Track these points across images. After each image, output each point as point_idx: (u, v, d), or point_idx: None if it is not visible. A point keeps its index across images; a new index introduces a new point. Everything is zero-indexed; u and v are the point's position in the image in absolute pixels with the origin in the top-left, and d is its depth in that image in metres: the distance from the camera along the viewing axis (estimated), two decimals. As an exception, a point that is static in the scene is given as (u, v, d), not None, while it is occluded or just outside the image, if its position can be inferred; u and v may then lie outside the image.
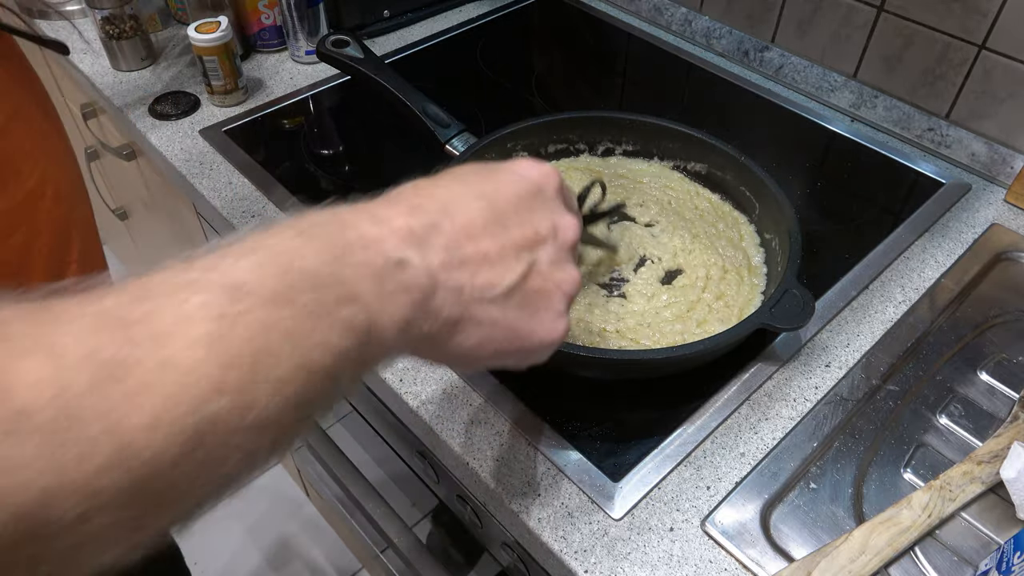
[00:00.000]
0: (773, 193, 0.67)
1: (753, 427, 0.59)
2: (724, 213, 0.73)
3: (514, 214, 0.37)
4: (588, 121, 0.77)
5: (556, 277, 0.38)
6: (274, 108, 0.92)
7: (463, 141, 0.74)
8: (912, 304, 0.69)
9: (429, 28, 1.09)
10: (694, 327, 0.63)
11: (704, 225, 0.72)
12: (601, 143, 0.79)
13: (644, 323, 0.63)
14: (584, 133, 0.78)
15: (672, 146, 0.77)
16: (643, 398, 0.61)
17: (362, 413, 0.83)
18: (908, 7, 0.83)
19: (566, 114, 0.77)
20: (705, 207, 0.74)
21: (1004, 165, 0.82)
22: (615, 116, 0.77)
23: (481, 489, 0.57)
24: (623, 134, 0.78)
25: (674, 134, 0.75)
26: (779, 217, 0.66)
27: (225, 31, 0.86)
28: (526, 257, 0.36)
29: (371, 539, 1.15)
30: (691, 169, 0.77)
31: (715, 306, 0.64)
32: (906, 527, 0.52)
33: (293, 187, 0.81)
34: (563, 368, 0.60)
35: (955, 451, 0.58)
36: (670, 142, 0.77)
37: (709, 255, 0.69)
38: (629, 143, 0.78)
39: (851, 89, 0.92)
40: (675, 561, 0.52)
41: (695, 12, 1.04)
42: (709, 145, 0.73)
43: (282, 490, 1.50)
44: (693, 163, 0.76)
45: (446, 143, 0.74)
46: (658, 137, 0.77)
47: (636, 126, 0.77)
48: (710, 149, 0.74)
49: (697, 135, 0.74)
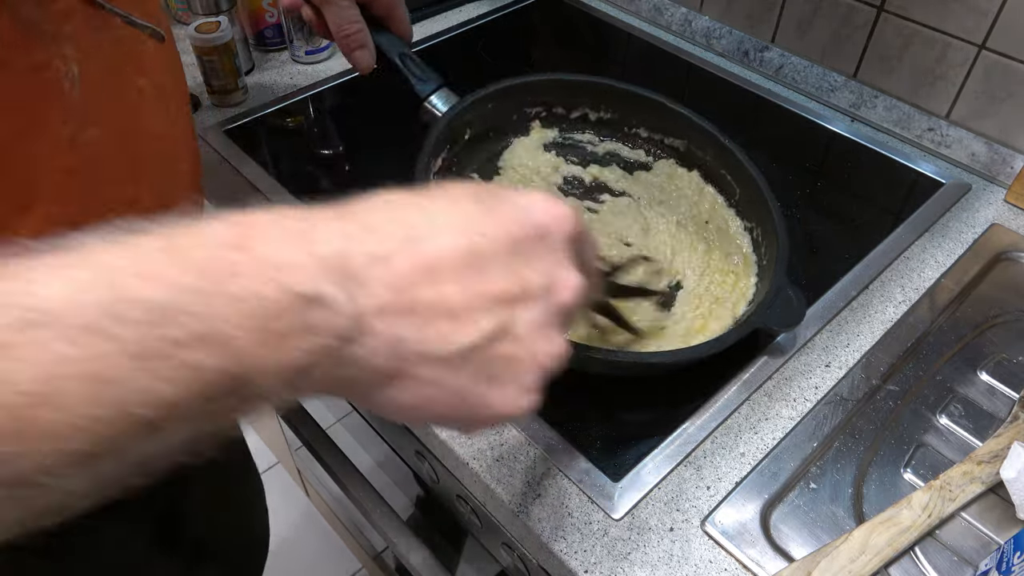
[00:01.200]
0: (755, 179, 0.67)
1: (753, 427, 0.59)
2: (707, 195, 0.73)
3: (501, 258, 0.29)
4: (568, 84, 0.75)
5: (535, 346, 0.30)
6: (274, 108, 0.92)
7: (443, 99, 0.68)
8: (912, 304, 0.69)
9: (429, 28, 1.09)
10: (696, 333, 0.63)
11: (687, 207, 0.72)
12: (579, 108, 0.77)
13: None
14: (563, 95, 0.76)
15: (650, 117, 0.75)
16: (643, 398, 0.61)
17: (362, 413, 0.83)
18: (908, 7, 0.83)
19: (547, 75, 0.74)
20: (687, 190, 0.74)
21: (1004, 165, 0.82)
22: (596, 81, 0.76)
23: (481, 489, 0.57)
24: (602, 100, 0.76)
25: (653, 104, 0.74)
26: (761, 210, 0.66)
27: (225, 31, 0.86)
28: (500, 314, 0.29)
29: (371, 539, 1.15)
30: (668, 144, 0.76)
31: (713, 307, 0.65)
32: (906, 527, 0.52)
33: (293, 187, 0.81)
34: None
35: (955, 451, 0.58)
36: (648, 113, 0.75)
37: (700, 256, 0.69)
38: (608, 111, 0.77)
39: (851, 89, 0.92)
40: (675, 561, 0.52)
41: (695, 12, 1.04)
42: (689, 121, 0.72)
43: (282, 490, 1.50)
44: (672, 138, 0.75)
45: (424, 99, 0.67)
46: (636, 106, 0.75)
47: (616, 92, 0.75)
48: (690, 125, 0.72)
49: (678, 109, 0.72)
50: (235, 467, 0.84)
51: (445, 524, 0.82)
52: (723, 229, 0.70)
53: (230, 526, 0.85)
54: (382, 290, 0.26)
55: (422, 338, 0.27)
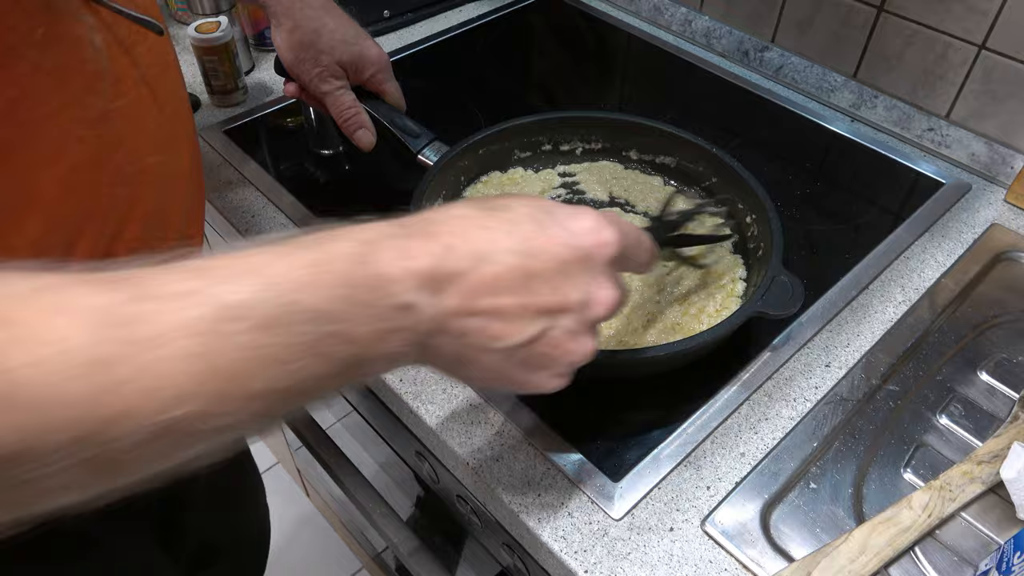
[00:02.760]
0: (746, 180, 0.68)
1: (753, 427, 0.59)
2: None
3: (548, 278, 0.36)
4: (553, 123, 0.77)
5: (567, 346, 0.38)
6: (274, 108, 0.92)
7: (435, 151, 0.73)
8: (912, 304, 0.69)
9: (429, 28, 1.09)
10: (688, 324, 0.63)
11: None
12: (569, 143, 0.78)
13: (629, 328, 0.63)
14: (552, 135, 0.78)
15: (642, 140, 0.77)
16: (643, 398, 0.61)
17: (362, 413, 0.83)
18: (908, 7, 0.83)
19: (528, 118, 0.76)
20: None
21: (1004, 165, 0.82)
22: (580, 115, 0.77)
23: (481, 489, 0.57)
24: (591, 133, 0.78)
25: (642, 129, 0.76)
26: (756, 205, 0.67)
27: (225, 31, 0.86)
28: (542, 323, 0.36)
29: (371, 539, 1.15)
30: (660, 163, 0.77)
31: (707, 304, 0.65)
32: (906, 527, 0.52)
33: (293, 187, 0.81)
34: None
35: (955, 451, 0.58)
36: (639, 137, 0.77)
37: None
38: (598, 141, 0.78)
39: (851, 89, 0.92)
40: (675, 561, 0.52)
41: (695, 12, 1.04)
42: (677, 138, 0.74)
43: (282, 490, 1.50)
44: (663, 157, 0.77)
45: (418, 153, 0.73)
46: (625, 133, 0.77)
47: (605, 123, 0.77)
48: (679, 142, 0.74)
49: (666, 128, 0.74)
50: (235, 467, 0.84)
51: (445, 524, 0.82)
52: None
53: (231, 526, 0.85)
54: (456, 299, 0.34)
55: (482, 336, 0.35)
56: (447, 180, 0.72)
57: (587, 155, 0.79)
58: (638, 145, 0.78)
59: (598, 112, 0.77)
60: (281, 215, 0.78)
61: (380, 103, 0.75)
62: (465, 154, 0.73)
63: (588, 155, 0.79)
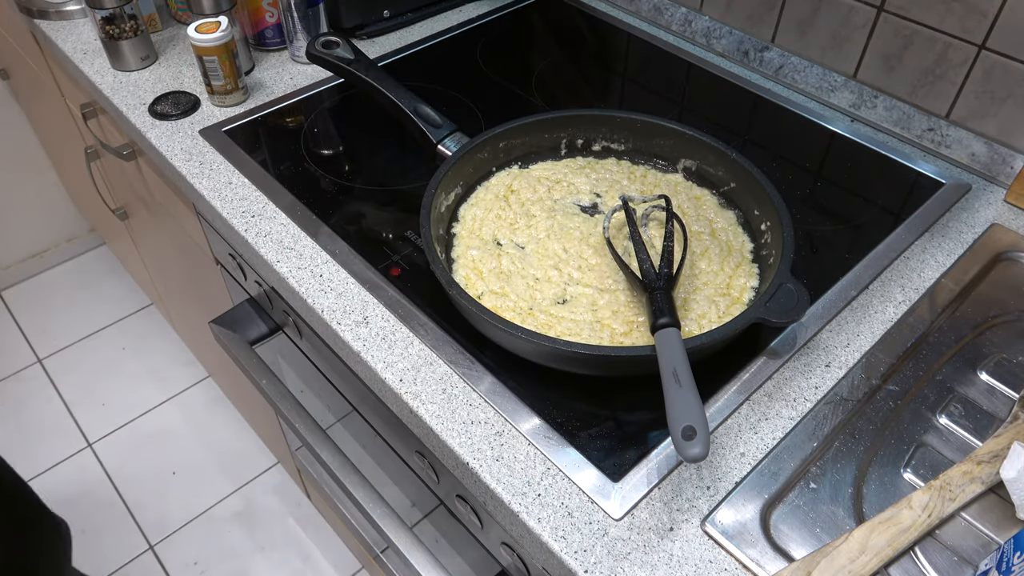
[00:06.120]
0: (762, 185, 0.68)
1: (753, 427, 0.59)
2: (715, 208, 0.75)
3: None
4: (579, 120, 0.78)
5: None
6: (274, 108, 0.92)
7: (455, 141, 0.75)
8: (912, 304, 0.69)
9: (429, 28, 1.09)
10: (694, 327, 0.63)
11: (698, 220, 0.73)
12: (594, 142, 0.80)
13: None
14: (576, 131, 0.79)
15: (663, 143, 0.78)
16: (643, 398, 0.61)
17: (362, 413, 0.83)
18: (908, 7, 0.83)
19: (556, 113, 0.77)
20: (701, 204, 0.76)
21: (1004, 165, 0.82)
22: (606, 114, 0.78)
23: (481, 489, 0.57)
24: (614, 132, 0.79)
25: (666, 131, 0.77)
26: (771, 213, 0.67)
27: (225, 31, 0.86)
28: None
29: (371, 539, 1.15)
30: (682, 166, 0.78)
31: (716, 299, 0.65)
32: (906, 527, 0.52)
33: (293, 187, 0.81)
34: (559, 365, 0.60)
35: (955, 451, 0.58)
36: (661, 139, 0.77)
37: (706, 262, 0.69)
38: (620, 142, 0.79)
39: (851, 89, 0.92)
40: (675, 561, 0.52)
41: (695, 12, 1.04)
42: (700, 142, 0.75)
43: (282, 490, 1.50)
44: (685, 160, 0.78)
45: (439, 143, 0.75)
46: (649, 135, 0.78)
47: (628, 124, 0.78)
48: (701, 145, 0.75)
49: (689, 132, 0.75)
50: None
51: (445, 524, 0.82)
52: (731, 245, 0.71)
53: None
54: None
55: None
56: (464, 171, 0.73)
57: (607, 153, 0.80)
58: (659, 146, 0.78)
59: (623, 112, 0.78)
60: (281, 215, 0.78)
61: (403, 91, 0.75)
62: (485, 146, 0.74)
63: (609, 154, 0.80)
